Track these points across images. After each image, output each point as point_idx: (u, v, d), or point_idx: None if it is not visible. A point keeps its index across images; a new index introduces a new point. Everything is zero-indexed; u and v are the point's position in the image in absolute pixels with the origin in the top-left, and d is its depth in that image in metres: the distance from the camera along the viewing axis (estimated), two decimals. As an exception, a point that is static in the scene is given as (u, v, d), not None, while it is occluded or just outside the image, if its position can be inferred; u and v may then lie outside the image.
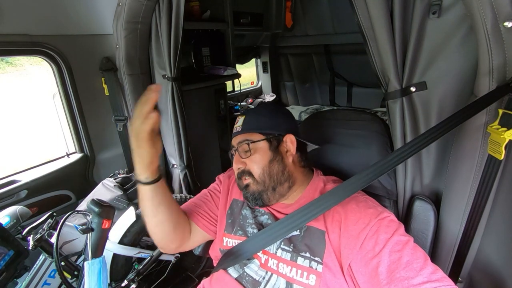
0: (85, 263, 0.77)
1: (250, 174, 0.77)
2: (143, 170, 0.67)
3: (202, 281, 0.82)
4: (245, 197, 0.80)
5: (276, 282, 0.69)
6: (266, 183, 0.77)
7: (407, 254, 0.58)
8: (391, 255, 0.59)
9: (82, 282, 0.91)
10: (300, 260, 0.68)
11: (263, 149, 0.78)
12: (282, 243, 0.72)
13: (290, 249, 0.70)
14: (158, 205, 0.73)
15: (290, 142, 0.80)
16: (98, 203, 0.82)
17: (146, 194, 0.70)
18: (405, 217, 0.89)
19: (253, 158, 0.77)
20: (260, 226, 0.78)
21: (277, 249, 0.72)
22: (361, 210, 0.68)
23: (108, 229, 0.79)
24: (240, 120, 0.82)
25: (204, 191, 0.94)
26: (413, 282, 0.53)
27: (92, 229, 0.78)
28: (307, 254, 0.68)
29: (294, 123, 0.87)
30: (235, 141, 0.81)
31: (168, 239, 0.80)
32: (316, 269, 0.66)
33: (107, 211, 0.82)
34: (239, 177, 0.80)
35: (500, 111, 0.59)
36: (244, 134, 0.79)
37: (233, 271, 0.75)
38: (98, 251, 0.79)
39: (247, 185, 0.78)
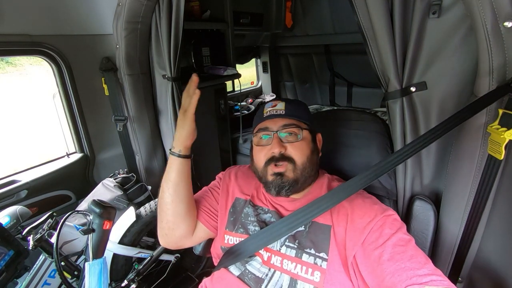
0: (86, 264, 0.77)
1: (290, 160, 0.75)
2: (179, 143, 0.78)
3: (204, 280, 0.82)
4: (274, 185, 0.75)
5: (279, 278, 0.69)
6: (306, 171, 0.76)
7: (411, 249, 0.60)
8: (394, 248, 0.60)
9: (83, 282, 0.91)
10: (305, 257, 0.68)
11: (307, 139, 0.79)
12: (287, 240, 0.72)
13: (295, 246, 0.70)
14: (180, 182, 0.79)
15: (319, 141, 0.85)
16: (99, 203, 0.82)
17: (175, 166, 0.78)
18: (405, 217, 0.89)
19: (299, 144, 0.75)
20: (263, 224, 0.78)
21: (281, 246, 0.72)
22: (367, 205, 0.70)
23: (109, 230, 0.78)
24: (280, 105, 0.79)
25: (204, 188, 0.95)
26: (418, 273, 0.54)
27: (93, 230, 0.78)
28: (312, 251, 0.68)
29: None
30: (274, 124, 0.77)
31: (176, 222, 0.81)
32: (320, 265, 0.66)
33: (108, 212, 0.82)
34: (275, 162, 0.74)
35: (500, 111, 0.59)
36: (290, 118, 0.77)
37: (234, 269, 0.75)
38: (99, 252, 0.79)
39: (281, 173, 0.74)
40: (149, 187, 1.54)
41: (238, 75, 1.77)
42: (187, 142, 0.78)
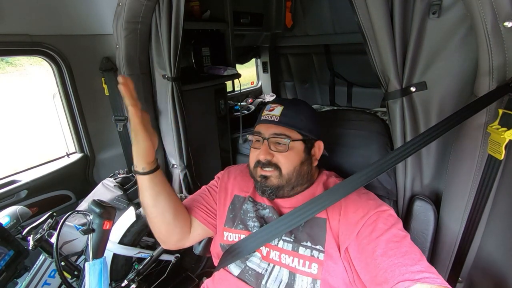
0: (86, 264, 0.77)
1: (277, 167, 0.75)
2: (140, 161, 0.71)
3: (205, 281, 0.82)
4: (259, 186, 0.78)
5: (279, 273, 0.70)
6: (292, 181, 0.76)
7: (405, 245, 0.59)
8: (388, 243, 0.60)
9: (83, 282, 0.91)
10: (301, 250, 0.69)
11: (298, 149, 0.77)
12: (283, 234, 0.72)
13: (291, 240, 0.71)
14: (157, 195, 0.75)
15: (318, 148, 0.82)
16: (99, 203, 0.82)
17: (144, 184, 0.73)
18: (405, 217, 0.89)
19: (287, 155, 0.75)
20: (262, 219, 0.78)
21: (278, 241, 0.72)
22: (362, 200, 0.70)
23: (109, 230, 0.78)
24: (276, 110, 0.77)
25: (203, 187, 0.95)
26: (411, 269, 0.54)
27: (93, 230, 0.78)
28: (308, 243, 0.69)
29: (322, 128, 0.87)
30: (266, 130, 0.77)
31: (168, 230, 0.81)
32: (317, 257, 0.67)
33: (108, 212, 0.82)
34: (262, 166, 0.76)
35: (500, 111, 0.59)
36: (282, 127, 0.76)
37: (234, 268, 0.76)
38: (99, 252, 0.79)
39: (266, 177, 0.76)
40: (149, 187, 1.54)
41: (238, 75, 1.77)
42: (147, 158, 0.71)
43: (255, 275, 0.71)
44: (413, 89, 0.77)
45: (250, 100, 2.80)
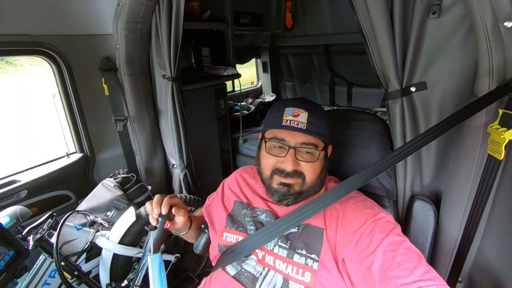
0: (148, 258, 0.79)
1: (301, 175, 0.74)
2: (180, 229, 0.85)
3: (204, 280, 0.83)
4: (278, 194, 0.75)
5: (273, 277, 0.70)
6: (313, 188, 0.76)
7: (401, 253, 0.58)
8: (385, 254, 0.59)
9: (138, 275, 1.10)
10: (296, 257, 0.69)
11: (321, 157, 0.76)
12: (279, 240, 0.72)
13: (287, 246, 0.71)
14: (195, 236, 0.94)
15: (329, 151, 0.82)
16: None
17: (186, 236, 0.90)
18: (405, 217, 0.89)
19: (313, 164, 0.73)
20: (259, 224, 0.78)
21: (274, 246, 0.72)
22: (359, 209, 0.69)
23: (168, 230, 0.81)
24: (302, 116, 0.72)
25: (205, 204, 1.00)
26: (405, 281, 0.53)
27: (155, 228, 0.80)
28: (303, 252, 0.69)
29: None
30: (293, 138, 0.72)
31: None
32: (311, 266, 0.66)
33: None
34: (285, 175, 0.73)
35: (500, 111, 0.59)
36: (310, 136, 0.73)
37: (231, 269, 0.76)
38: (156, 247, 0.81)
39: (289, 184, 0.74)
40: (149, 187, 1.54)
41: (238, 75, 1.77)
42: (185, 226, 0.84)
43: (251, 277, 0.72)
44: (413, 89, 0.77)
45: (250, 100, 2.80)
